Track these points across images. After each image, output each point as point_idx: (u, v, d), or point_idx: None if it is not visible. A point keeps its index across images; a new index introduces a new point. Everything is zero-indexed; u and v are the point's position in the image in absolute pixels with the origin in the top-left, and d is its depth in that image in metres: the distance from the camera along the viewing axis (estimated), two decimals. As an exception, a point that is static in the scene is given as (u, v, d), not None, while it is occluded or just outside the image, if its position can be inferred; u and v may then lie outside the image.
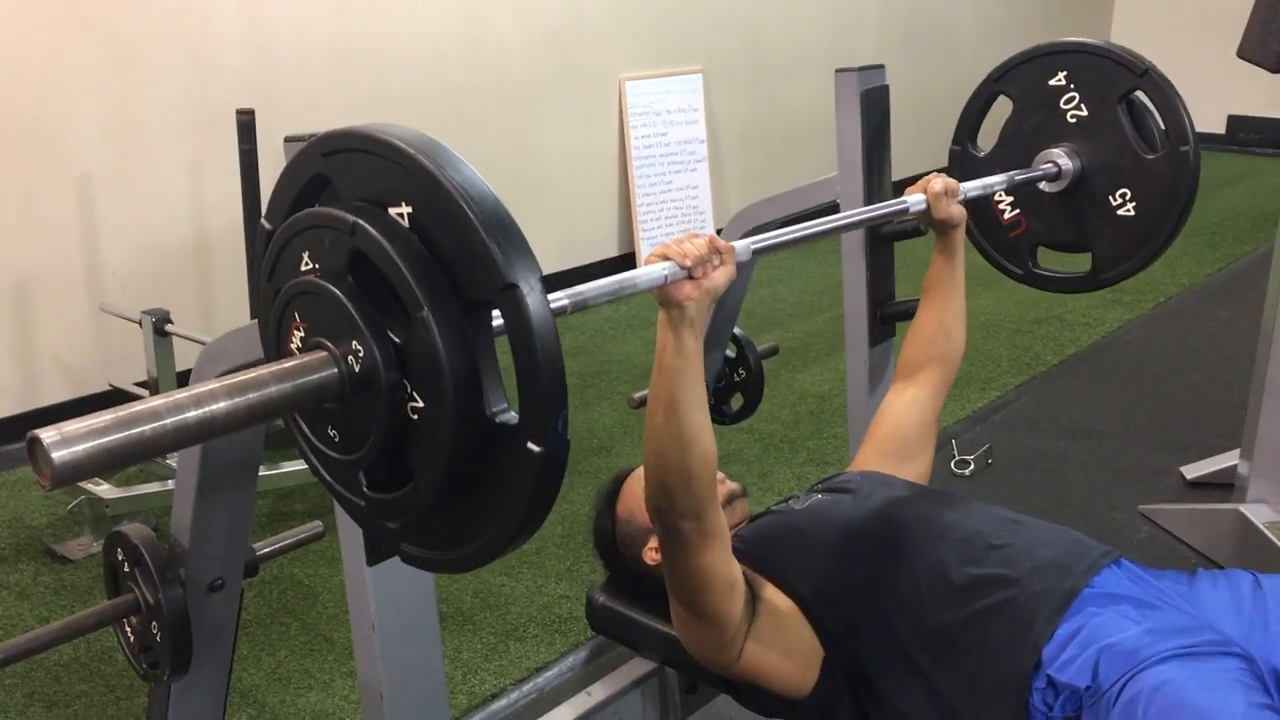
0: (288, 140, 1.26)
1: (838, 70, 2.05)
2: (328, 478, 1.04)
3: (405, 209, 0.92)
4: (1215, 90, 8.22)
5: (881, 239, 2.10)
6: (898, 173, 2.16)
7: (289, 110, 4.05)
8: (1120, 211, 1.91)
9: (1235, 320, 4.48)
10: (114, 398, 3.63)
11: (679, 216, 5.70)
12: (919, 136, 7.21)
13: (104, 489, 3.00)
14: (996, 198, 2.04)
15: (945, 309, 1.83)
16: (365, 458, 0.97)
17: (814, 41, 6.30)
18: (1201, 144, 1.90)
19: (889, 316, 2.13)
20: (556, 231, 5.30)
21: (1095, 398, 3.94)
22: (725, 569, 1.42)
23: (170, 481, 3.01)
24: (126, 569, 1.58)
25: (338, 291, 0.94)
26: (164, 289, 3.90)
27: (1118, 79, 1.90)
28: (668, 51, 5.60)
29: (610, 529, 1.80)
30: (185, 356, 3.10)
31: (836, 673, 1.50)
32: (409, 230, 0.91)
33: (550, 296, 1.05)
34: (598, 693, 1.84)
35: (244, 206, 3.32)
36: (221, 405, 0.87)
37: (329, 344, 0.95)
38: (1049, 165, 1.95)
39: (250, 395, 0.90)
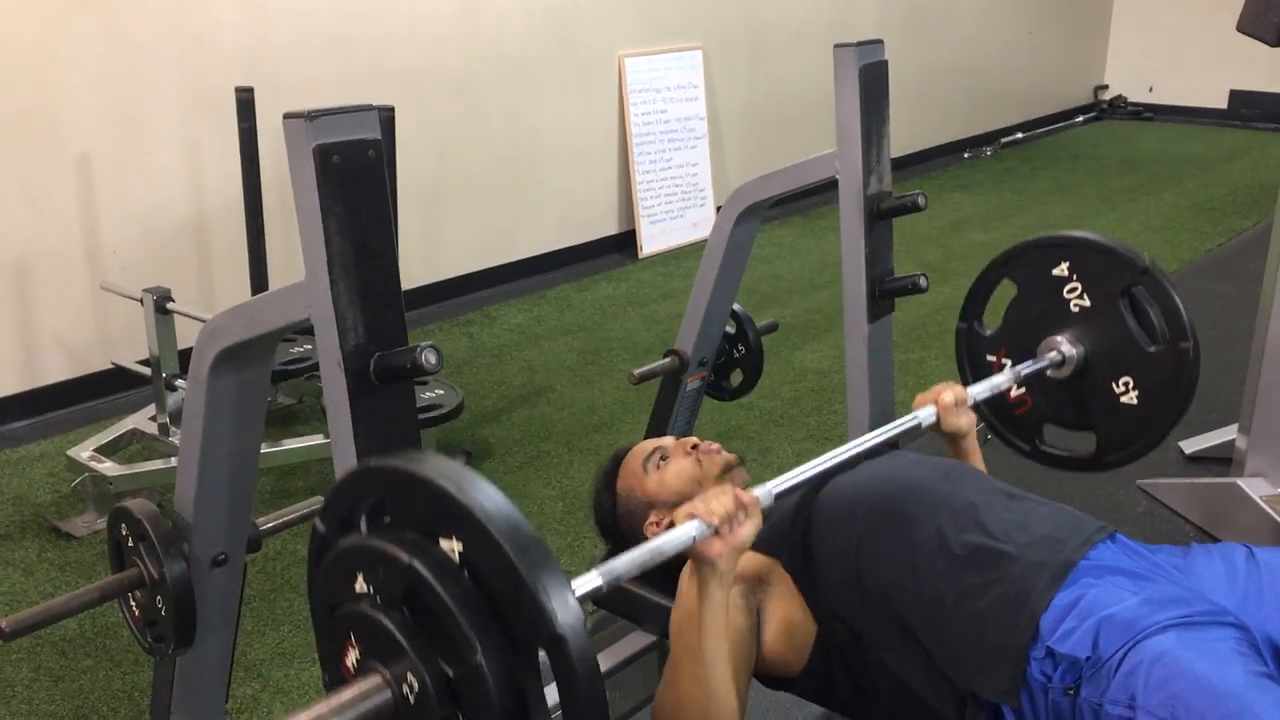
0: (286, 117, 1.27)
1: (836, 45, 2.04)
2: None
3: (457, 545, 0.96)
4: (1217, 64, 8.21)
5: (880, 215, 2.10)
6: (896, 149, 2.16)
7: (287, 88, 4.05)
8: (1123, 399, 1.95)
9: (1235, 296, 4.48)
10: (116, 376, 3.64)
11: (679, 194, 5.70)
12: (918, 113, 7.21)
13: (107, 466, 3.01)
14: None
15: None
16: None
17: (813, 18, 6.28)
18: (1203, 119, 1.91)
19: (887, 293, 2.14)
20: (556, 209, 5.29)
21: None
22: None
23: (173, 459, 3.02)
24: (131, 544, 1.60)
25: (393, 626, 0.98)
26: (164, 267, 3.90)
27: (1119, 274, 1.93)
28: (667, 28, 5.58)
29: (610, 505, 1.82)
30: (186, 335, 3.11)
31: (831, 646, 1.52)
32: (460, 566, 0.96)
33: (583, 580, 1.12)
34: (599, 665, 1.85)
35: (244, 184, 3.32)
36: None
37: (384, 671, 1.00)
38: (1054, 354, 1.98)
39: None
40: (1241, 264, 4.98)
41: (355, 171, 1.27)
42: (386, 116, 2.95)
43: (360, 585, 1.03)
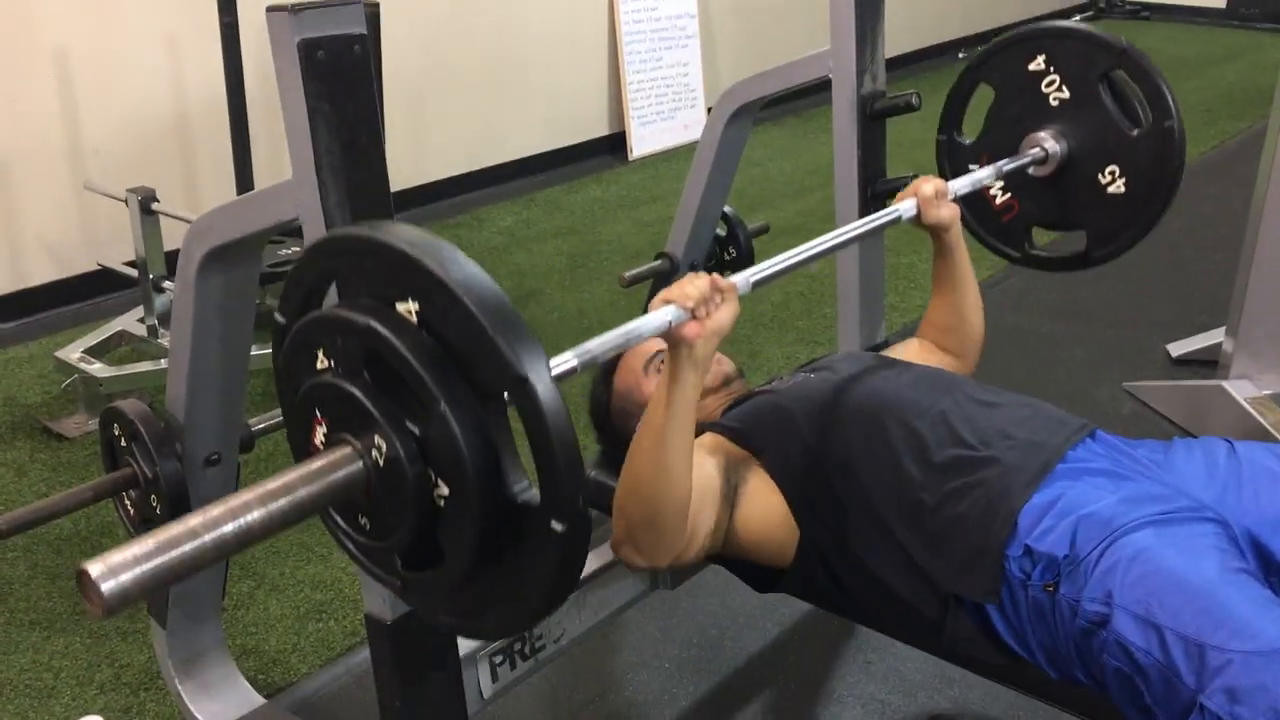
0: (270, 10, 1.24)
1: (832, -61, 2.00)
2: (363, 560, 1.09)
3: (413, 305, 0.94)
4: (1218, -37, 8.06)
5: (873, 115, 2.08)
6: (891, 49, 2.12)
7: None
8: (1110, 189, 1.92)
9: (1227, 198, 4.47)
10: (103, 277, 3.62)
11: (670, 94, 5.62)
12: (913, 11, 7.08)
13: (97, 367, 3.01)
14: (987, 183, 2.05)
15: (957, 300, 1.84)
16: (397, 543, 1.01)
17: (809, -89, 6.13)
18: (1202, 19, 1.88)
19: (879, 194, 2.12)
20: (544, 110, 5.22)
21: (1083, 278, 3.89)
22: (689, 556, 1.49)
23: (162, 360, 3.02)
24: (123, 444, 1.61)
25: (356, 390, 0.97)
26: (147, 166, 3.85)
27: (1096, 59, 1.89)
28: (658, -79, 5.45)
29: (605, 401, 1.82)
30: (172, 235, 3.08)
31: (812, 547, 1.54)
32: (418, 327, 0.95)
33: (559, 359, 1.10)
34: (590, 563, 1.87)
35: (226, 80, 3.26)
36: (256, 516, 0.91)
37: (352, 440, 0.99)
38: (1036, 150, 1.95)
39: (282, 502, 0.94)
40: (1235, 167, 4.95)
41: (341, 67, 1.25)
42: (371, 12, 2.89)
43: (321, 361, 1.02)
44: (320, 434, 1.03)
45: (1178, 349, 3.29)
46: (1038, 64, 1.94)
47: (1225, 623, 1.21)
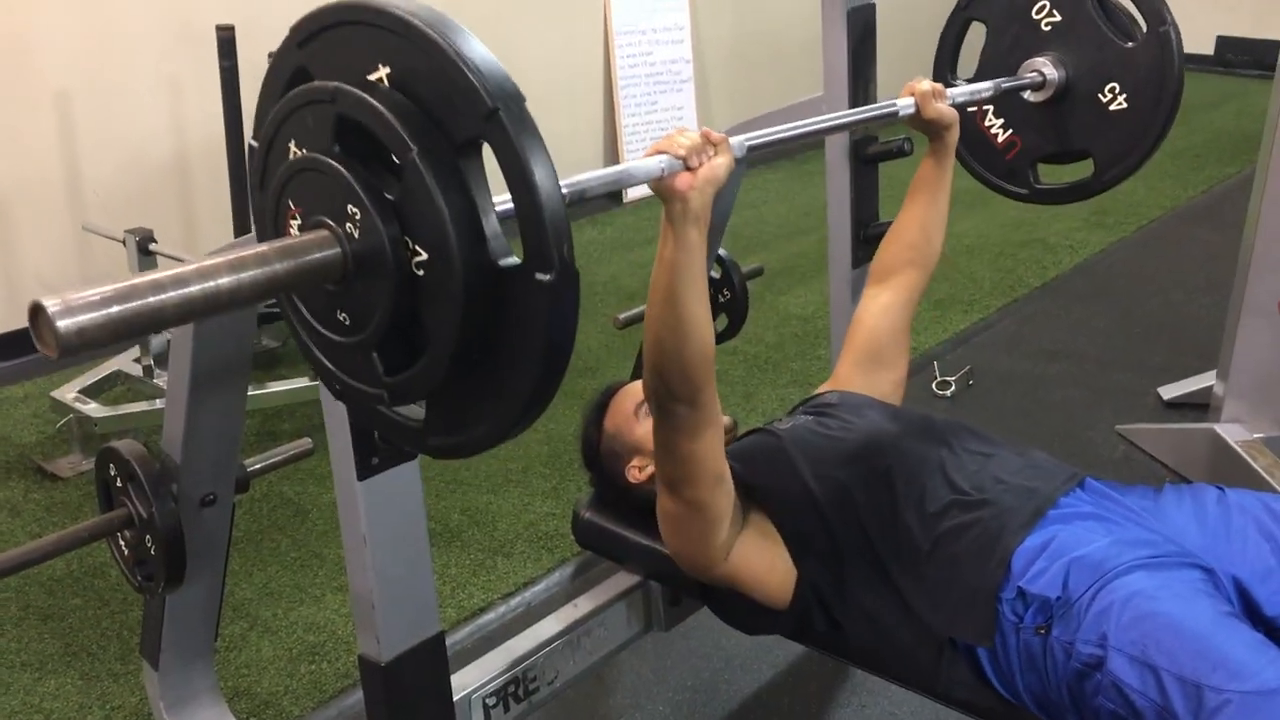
0: (271, 56, 1.26)
1: (825, -12, 2.03)
2: (342, 376, 1.02)
3: (384, 70, 0.91)
4: (1205, 11, 8.16)
5: (866, 160, 2.10)
6: (883, 93, 2.15)
7: (269, 26, 3.97)
8: (1113, 107, 1.91)
9: (1217, 242, 4.50)
10: (99, 317, 3.62)
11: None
12: (905, 57, 7.15)
13: (92, 407, 3.01)
14: (987, 123, 2.04)
15: (930, 210, 1.83)
16: (377, 330, 0.95)
17: (802, -42, 6.22)
18: (1190, 66, 1.89)
19: (872, 238, 2.14)
20: (541, 152, 5.25)
21: (1076, 320, 3.97)
22: (715, 460, 1.44)
23: (158, 400, 3.02)
24: (119, 484, 1.61)
25: (326, 159, 0.93)
26: (146, 207, 3.87)
27: None
28: (654, -32, 5.52)
29: (596, 441, 1.83)
30: (170, 276, 3.09)
31: (810, 588, 1.54)
32: (390, 88, 0.91)
33: None
34: (583, 605, 1.88)
35: (225, 123, 3.29)
36: (225, 280, 0.85)
37: (327, 220, 0.94)
38: (1034, 74, 1.95)
39: (255, 271, 0.88)
40: (1224, 211, 4.99)
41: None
42: (370, 56, 2.90)
43: (294, 152, 0.98)
44: (295, 227, 0.98)
45: (1169, 392, 3.31)
46: None
47: (1222, 664, 1.22)
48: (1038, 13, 1.93)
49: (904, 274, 1.84)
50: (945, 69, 2.08)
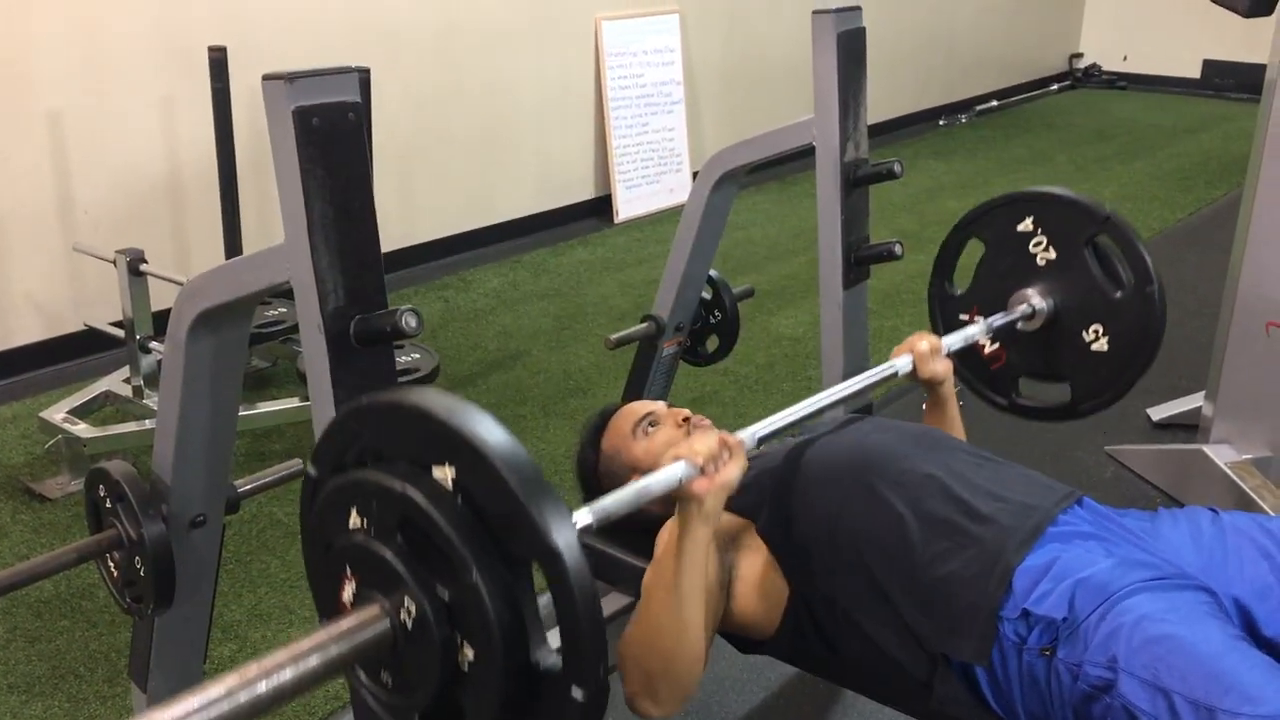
0: (266, 79, 1.26)
1: (814, 12, 2.05)
2: (383, 715, 1.09)
3: (449, 471, 0.97)
4: (1191, 34, 8.24)
5: (856, 182, 2.11)
6: (873, 116, 2.17)
7: (260, 48, 4.00)
8: (1094, 347, 1.99)
9: (1204, 264, 4.53)
10: (90, 338, 3.62)
11: (655, 159, 5.69)
12: (894, 79, 7.21)
13: (81, 428, 3.00)
14: None
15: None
16: (418, 703, 1.02)
17: (792, -18, 6.26)
18: (1177, 88, 1.92)
19: (863, 260, 2.16)
20: (533, 172, 5.28)
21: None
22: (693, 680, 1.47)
23: (147, 421, 3.02)
24: (109, 505, 1.60)
25: (389, 553, 0.99)
26: (137, 227, 3.87)
27: (1081, 224, 1.96)
28: (645, -9, 5.55)
29: (593, 463, 1.82)
30: (159, 296, 3.09)
31: (803, 607, 1.54)
32: (453, 492, 0.97)
33: (575, 516, 1.13)
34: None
35: (217, 145, 3.29)
36: (288, 675, 0.94)
37: (382, 599, 1.00)
38: (1024, 306, 2.01)
39: (313, 660, 0.96)
40: (1211, 233, 5.03)
41: (335, 134, 1.27)
42: (362, 77, 2.92)
43: (355, 521, 1.04)
44: (349, 590, 1.05)
45: (1158, 413, 3.32)
46: (1026, 225, 2.01)
47: (1235, 687, 1.22)
48: (1034, 246, 2.00)
49: None
50: (943, 278, 2.15)
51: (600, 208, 5.55)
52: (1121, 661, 1.28)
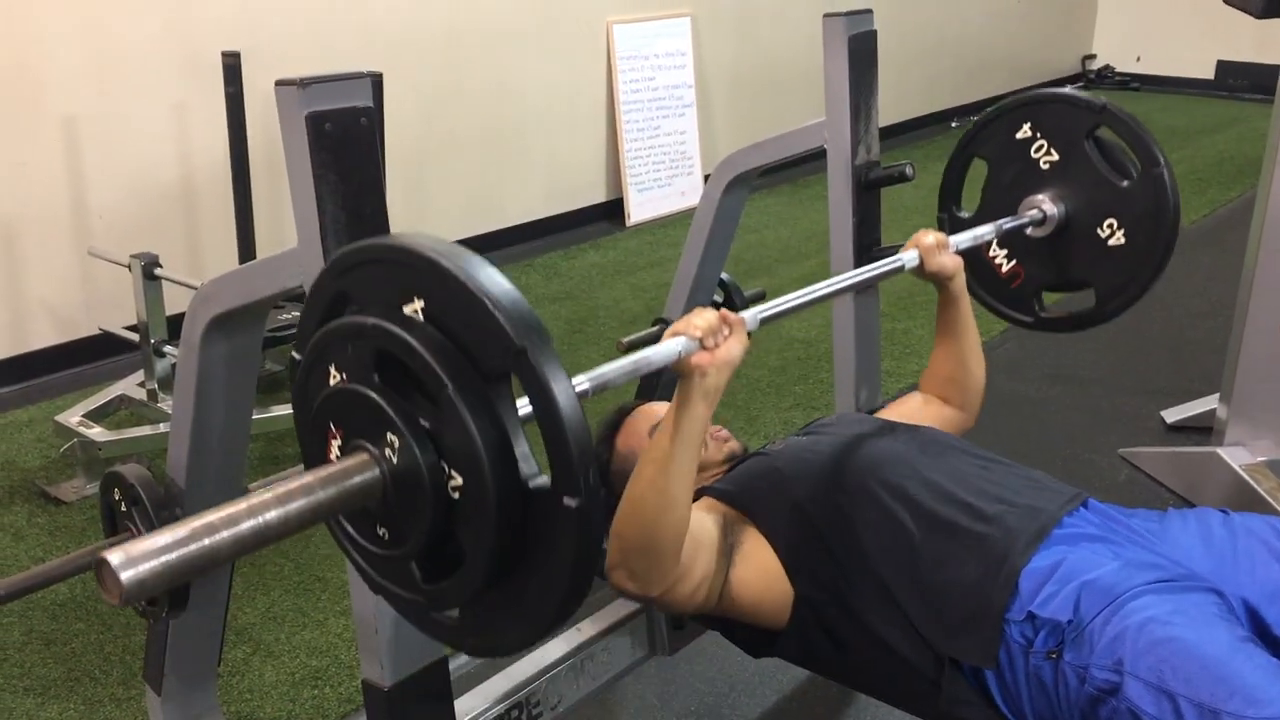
0: (279, 84, 1.27)
1: (825, 15, 2.04)
2: (381, 581, 1.08)
3: (418, 304, 0.96)
4: (1204, 35, 8.20)
5: (868, 185, 2.11)
6: (885, 119, 2.17)
7: (274, 53, 4.02)
8: (1111, 242, 1.96)
9: (1219, 265, 4.52)
10: (104, 342, 3.63)
11: (666, 162, 5.69)
12: (906, 81, 7.19)
13: (96, 432, 3.02)
14: (992, 253, 2.11)
15: (961, 349, 1.88)
16: (415, 546, 1.01)
17: (803, -16, 6.26)
18: (1190, 89, 1.93)
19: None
20: (543, 177, 5.28)
21: (1078, 343, 3.97)
22: (686, 593, 1.48)
23: (162, 425, 3.03)
24: (124, 508, 1.61)
25: (366, 390, 0.99)
26: (151, 232, 3.89)
27: (1079, 120, 1.95)
28: (656, -6, 5.56)
29: (606, 461, 1.82)
30: (174, 300, 3.11)
31: (808, 609, 1.54)
32: (424, 321, 0.96)
33: (573, 380, 1.09)
34: (587, 629, 1.87)
35: (230, 149, 3.31)
36: (274, 515, 0.93)
37: (368, 446, 1.00)
38: (1034, 211, 2.00)
39: (300, 502, 0.95)
40: (1226, 235, 5.01)
41: (348, 139, 1.28)
42: (375, 83, 2.93)
43: (334, 375, 1.04)
44: (335, 447, 1.04)
45: (1172, 415, 3.31)
46: (1024, 132, 2.00)
47: (1240, 690, 1.22)
48: (1036, 151, 1.99)
49: (952, 400, 1.91)
50: (950, 202, 2.14)
51: (612, 211, 5.55)
52: (1127, 664, 1.28)
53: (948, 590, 1.44)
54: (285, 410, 3.15)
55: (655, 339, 2.54)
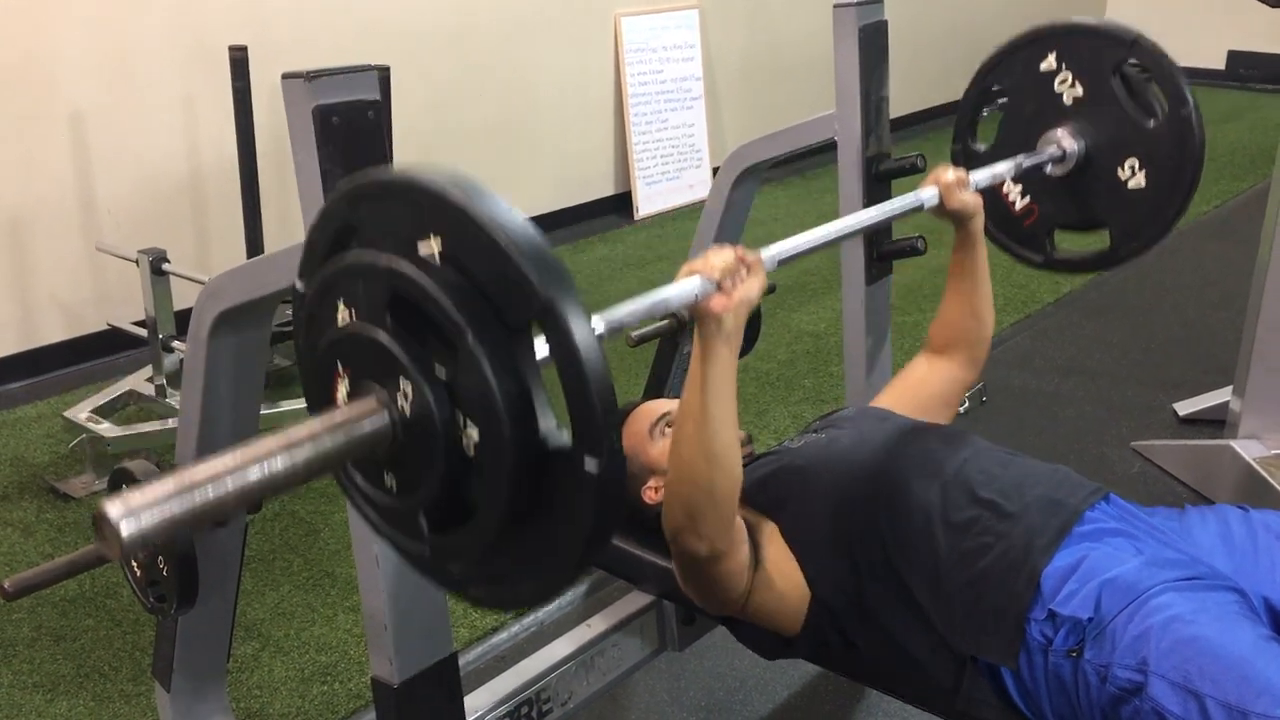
0: (285, 77, 1.26)
1: (836, 5, 2.03)
2: (386, 528, 1.03)
3: (435, 243, 0.90)
4: (1216, 25, 8.15)
5: (879, 177, 2.10)
6: (896, 109, 2.15)
7: (282, 47, 4.01)
8: (1131, 184, 1.89)
9: (1232, 257, 4.49)
10: (112, 337, 3.63)
11: (675, 154, 5.67)
12: (916, 72, 7.16)
13: (105, 427, 3.02)
14: (1005, 189, 2.03)
15: (974, 296, 1.83)
16: (424, 497, 0.95)
17: (812, -24, 6.23)
18: (1202, 80, 1.89)
19: (885, 255, 2.14)
20: (552, 169, 5.27)
21: (1090, 336, 3.96)
22: (738, 569, 1.45)
23: (170, 420, 3.03)
24: (132, 505, 1.60)
25: (379, 333, 0.92)
26: (159, 226, 3.89)
27: (1108, 52, 1.88)
28: (664, -14, 5.54)
29: None
30: (182, 295, 3.10)
31: (825, 608, 1.52)
32: (442, 264, 0.90)
33: None
34: (597, 625, 1.87)
35: (238, 143, 3.30)
36: (280, 463, 0.87)
37: (377, 388, 0.94)
38: (1053, 148, 1.93)
39: (306, 449, 0.89)
40: (1239, 226, 4.97)
41: (355, 133, 1.27)
42: (382, 75, 2.92)
43: (343, 313, 0.97)
44: (343, 390, 0.97)
45: (1185, 408, 3.29)
46: (1049, 63, 1.92)
47: (1267, 689, 1.21)
48: (1060, 84, 1.91)
49: (958, 348, 1.85)
50: (965, 135, 2.07)
51: (620, 204, 5.54)
52: (1152, 664, 1.27)
53: (968, 589, 1.43)
54: (294, 405, 3.15)
55: (665, 333, 2.54)
